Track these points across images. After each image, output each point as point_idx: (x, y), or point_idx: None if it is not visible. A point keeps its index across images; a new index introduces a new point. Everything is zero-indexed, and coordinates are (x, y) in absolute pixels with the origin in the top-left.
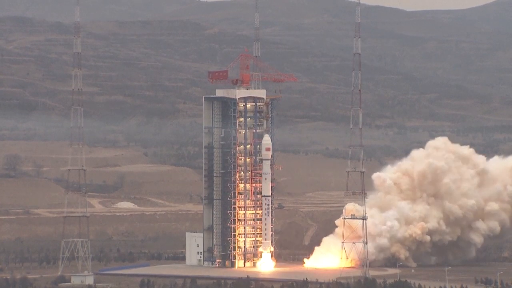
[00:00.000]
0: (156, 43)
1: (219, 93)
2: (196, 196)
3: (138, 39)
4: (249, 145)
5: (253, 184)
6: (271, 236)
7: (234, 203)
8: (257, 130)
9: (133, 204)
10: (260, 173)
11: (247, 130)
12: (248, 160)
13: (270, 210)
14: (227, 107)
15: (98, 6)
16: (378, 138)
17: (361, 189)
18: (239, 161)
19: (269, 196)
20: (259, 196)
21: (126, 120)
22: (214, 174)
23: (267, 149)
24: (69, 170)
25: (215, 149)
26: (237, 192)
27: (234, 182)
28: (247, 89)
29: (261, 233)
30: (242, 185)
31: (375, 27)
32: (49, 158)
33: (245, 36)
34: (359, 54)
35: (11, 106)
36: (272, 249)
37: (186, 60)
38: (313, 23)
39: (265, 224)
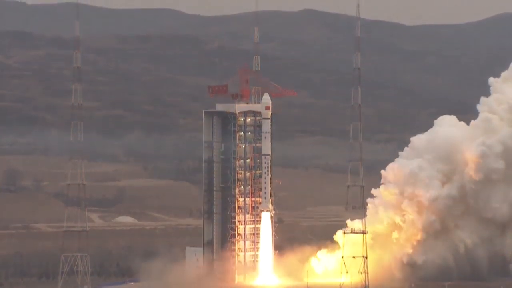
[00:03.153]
0: (156, 58)
1: (219, 107)
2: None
3: (138, 53)
4: (249, 160)
5: (253, 199)
6: (270, 196)
7: (234, 218)
8: (257, 145)
9: (132, 219)
10: (260, 187)
11: (247, 145)
12: (248, 174)
13: (269, 169)
14: (227, 121)
15: (98, 21)
16: (378, 152)
17: (361, 203)
18: (239, 175)
19: (268, 155)
20: (259, 210)
21: (126, 134)
22: (214, 189)
23: (267, 108)
24: (68, 184)
25: (215, 164)
26: (237, 207)
27: (234, 196)
28: (247, 104)
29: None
30: (242, 200)
31: (375, 42)
32: (48, 172)
33: (245, 51)
34: (359, 68)
35: (11, 121)
36: (271, 208)
37: (186, 75)
38: (313, 37)
39: (265, 183)
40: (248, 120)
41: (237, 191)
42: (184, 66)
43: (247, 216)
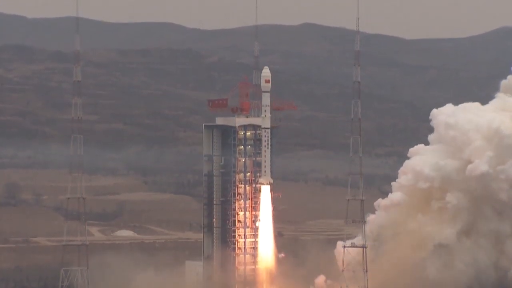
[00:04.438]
0: (156, 72)
1: (219, 121)
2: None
3: (138, 67)
4: (249, 173)
5: (253, 212)
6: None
7: (234, 231)
8: (257, 158)
9: (132, 233)
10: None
11: (247, 158)
12: (248, 188)
13: (269, 143)
14: (227, 135)
15: (98, 35)
16: (378, 166)
17: (361, 217)
18: (239, 189)
19: (268, 128)
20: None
21: (125, 148)
22: (214, 202)
23: (267, 81)
24: (68, 198)
25: (214, 177)
26: (237, 220)
27: (234, 210)
28: (247, 117)
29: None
30: (242, 213)
31: (374, 55)
32: (48, 186)
33: (245, 64)
34: (359, 82)
35: (11, 135)
36: (271, 181)
37: (186, 89)
38: (313, 51)
39: (265, 157)
40: (248, 133)
41: (237, 205)
42: (184, 79)
43: (247, 230)
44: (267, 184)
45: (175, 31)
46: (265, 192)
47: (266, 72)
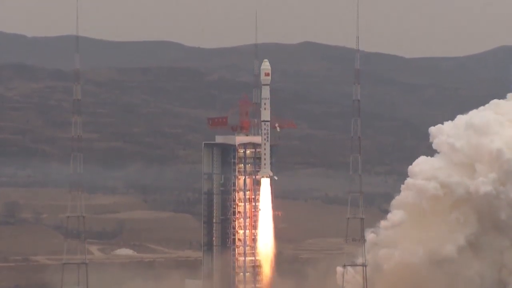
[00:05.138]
0: (156, 90)
1: (219, 139)
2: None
3: (137, 85)
4: (248, 192)
5: (253, 231)
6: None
7: (234, 250)
8: (257, 177)
9: (132, 251)
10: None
11: (247, 177)
12: (247, 206)
13: (268, 135)
14: (226, 153)
15: (98, 53)
16: (378, 184)
17: (360, 235)
18: (238, 207)
19: (268, 121)
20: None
21: (125, 166)
22: (214, 221)
23: (266, 74)
24: (68, 217)
25: (214, 196)
26: (236, 239)
27: (234, 228)
28: (247, 135)
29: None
30: (241, 232)
31: (374, 74)
32: (48, 205)
33: (245, 83)
34: (359, 100)
35: (11, 153)
36: (271, 173)
37: (186, 107)
38: (313, 69)
39: (264, 149)
40: (248, 152)
41: (236, 223)
42: (184, 98)
43: (247, 248)
44: (267, 177)
45: (175, 50)
46: (265, 185)
47: (266, 65)
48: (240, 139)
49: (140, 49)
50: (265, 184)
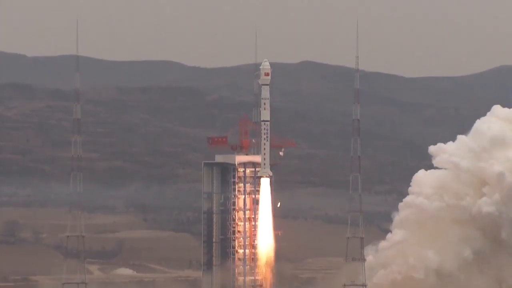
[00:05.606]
0: (156, 109)
1: (219, 158)
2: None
3: (137, 105)
4: (248, 211)
5: (252, 250)
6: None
7: (234, 269)
8: (256, 196)
9: (132, 271)
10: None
11: (246, 196)
12: (247, 225)
13: (268, 136)
14: (226, 172)
15: (98, 73)
16: (378, 204)
17: (360, 255)
18: (238, 227)
19: (268, 121)
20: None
21: (125, 185)
22: (213, 240)
23: (266, 74)
24: (67, 236)
25: (214, 215)
26: (236, 258)
27: (234, 248)
28: (247, 155)
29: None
30: (241, 251)
31: (374, 93)
32: (48, 224)
33: (245, 102)
34: (358, 120)
35: (11, 173)
36: (270, 173)
37: (186, 126)
38: (312, 89)
39: (264, 149)
40: (247, 171)
41: (236, 242)
42: (184, 117)
43: (247, 268)
44: (266, 177)
45: (175, 69)
46: (265, 185)
47: (265, 65)
48: (240, 158)
49: (140, 68)
50: (265, 184)
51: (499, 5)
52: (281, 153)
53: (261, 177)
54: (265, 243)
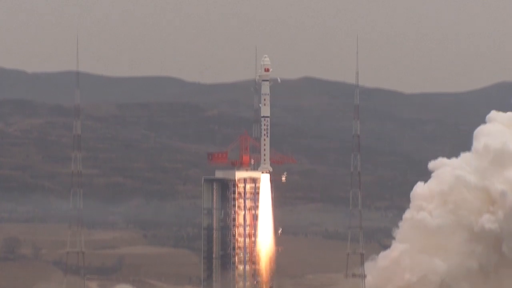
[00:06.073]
0: (156, 125)
1: (219, 174)
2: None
3: (137, 121)
4: (248, 227)
5: (253, 266)
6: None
7: (234, 285)
8: (257, 212)
9: (132, 287)
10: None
11: (247, 212)
12: (247, 241)
13: (268, 131)
14: (226, 188)
15: (98, 89)
16: (378, 219)
17: (361, 271)
18: (238, 243)
19: (267, 116)
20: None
21: (125, 201)
22: (213, 256)
23: (266, 70)
24: (67, 252)
25: (214, 231)
26: (236, 274)
27: (234, 264)
28: (247, 171)
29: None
30: (241, 267)
31: (374, 109)
32: (48, 240)
33: (245, 118)
34: (358, 135)
35: (10, 189)
36: (270, 169)
37: (186, 142)
38: (312, 105)
39: (264, 145)
40: (248, 187)
41: (236, 258)
42: (184, 133)
43: (247, 284)
44: (266, 172)
45: (175, 85)
46: (265, 181)
47: (266, 61)
48: (240, 174)
49: (140, 84)
50: (265, 180)
51: (500, 21)
52: (283, 179)
53: (261, 173)
54: (265, 239)
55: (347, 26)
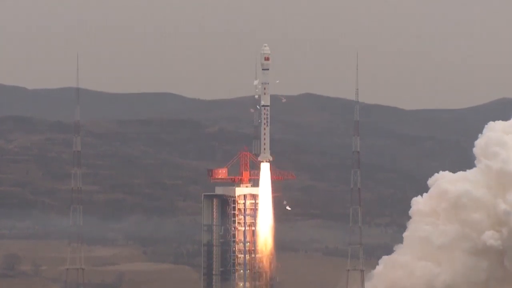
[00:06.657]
0: (156, 141)
1: (219, 190)
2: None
3: (137, 137)
4: (248, 243)
5: (253, 282)
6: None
7: None
8: (256, 228)
9: None
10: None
11: (247, 228)
12: (247, 258)
13: (268, 121)
14: (226, 204)
15: (98, 105)
16: (378, 236)
17: (361, 287)
18: (238, 259)
19: (268, 105)
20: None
21: (125, 218)
22: (213, 272)
23: (266, 59)
24: (67, 269)
25: (214, 247)
26: None
27: (234, 280)
28: (247, 187)
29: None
30: (241, 284)
31: (374, 126)
32: (47, 257)
33: (245, 134)
34: (358, 152)
35: (10, 205)
36: (270, 158)
37: (186, 158)
38: (312, 121)
39: (264, 134)
40: (247, 203)
41: (236, 275)
42: (184, 149)
43: None
44: (266, 161)
45: (176, 101)
46: (265, 170)
47: (266, 50)
48: (240, 190)
49: (140, 101)
50: (265, 169)
51: (499, 38)
52: (288, 208)
53: (261, 161)
54: (265, 229)
55: (347, 43)
